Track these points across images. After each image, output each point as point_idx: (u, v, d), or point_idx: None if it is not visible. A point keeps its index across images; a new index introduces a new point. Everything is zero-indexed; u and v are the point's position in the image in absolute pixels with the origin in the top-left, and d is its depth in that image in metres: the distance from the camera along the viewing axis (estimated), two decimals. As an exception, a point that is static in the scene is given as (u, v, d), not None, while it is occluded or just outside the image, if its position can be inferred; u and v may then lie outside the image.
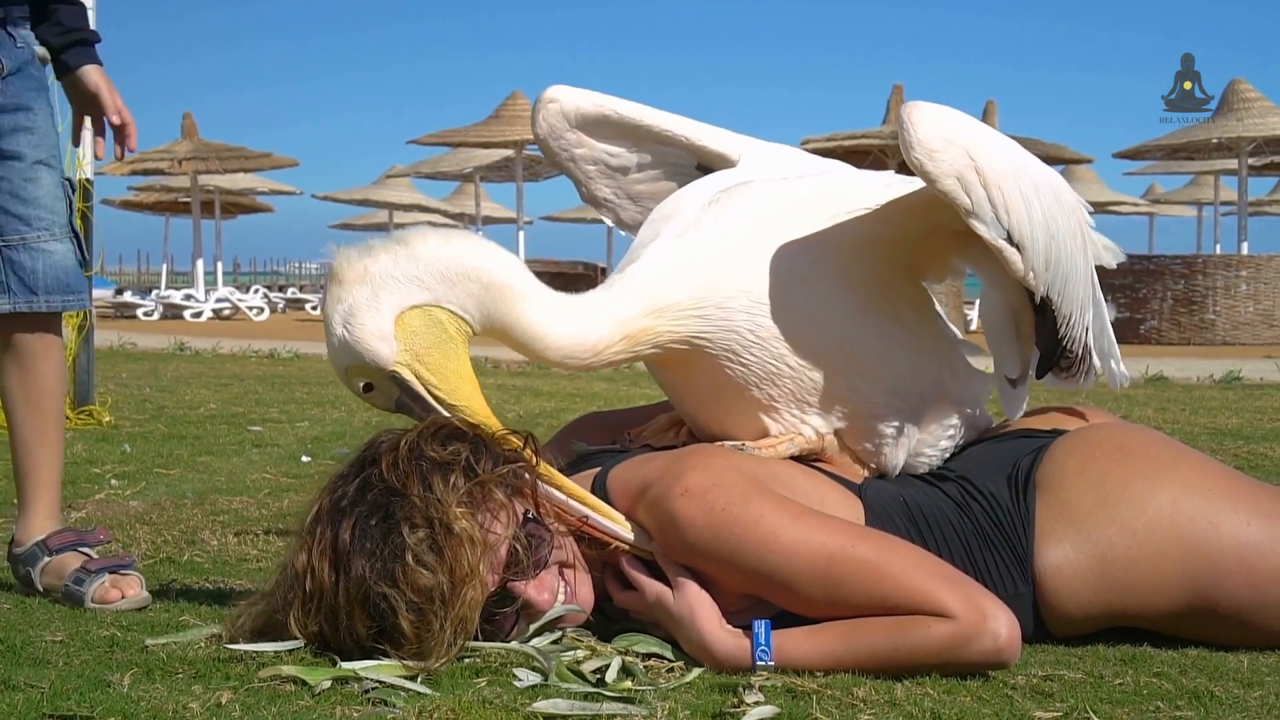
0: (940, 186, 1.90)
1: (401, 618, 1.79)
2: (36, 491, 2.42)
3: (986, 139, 1.94)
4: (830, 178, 2.21)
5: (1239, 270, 13.23)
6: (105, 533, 2.48)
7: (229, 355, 9.94)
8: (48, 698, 1.70)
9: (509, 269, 1.99)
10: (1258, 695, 1.77)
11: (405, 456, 1.88)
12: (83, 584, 2.27)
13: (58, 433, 2.43)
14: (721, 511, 1.88)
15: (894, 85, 15.94)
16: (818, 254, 2.05)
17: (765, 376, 2.05)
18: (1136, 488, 1.99)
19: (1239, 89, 14.47)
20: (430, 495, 1.85)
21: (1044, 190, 1.99)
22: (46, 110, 2.39)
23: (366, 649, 1.83)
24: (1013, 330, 2.18)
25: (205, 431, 4.94)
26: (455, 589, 1.81)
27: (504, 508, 1.90)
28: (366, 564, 1.82)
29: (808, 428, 2.09)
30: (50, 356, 2.40)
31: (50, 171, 2.36)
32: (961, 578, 1.86)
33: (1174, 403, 6.23)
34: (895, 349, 2.09)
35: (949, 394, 2.16)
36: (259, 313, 18.99)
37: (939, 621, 1.79)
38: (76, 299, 2.41)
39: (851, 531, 1.89)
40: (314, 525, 1.88)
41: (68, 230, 2.40)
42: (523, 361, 9.18)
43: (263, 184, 22.36)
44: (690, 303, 2.02)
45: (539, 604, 1.94)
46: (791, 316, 2.03)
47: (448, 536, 1.82)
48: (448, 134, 17.32)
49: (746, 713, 1.65)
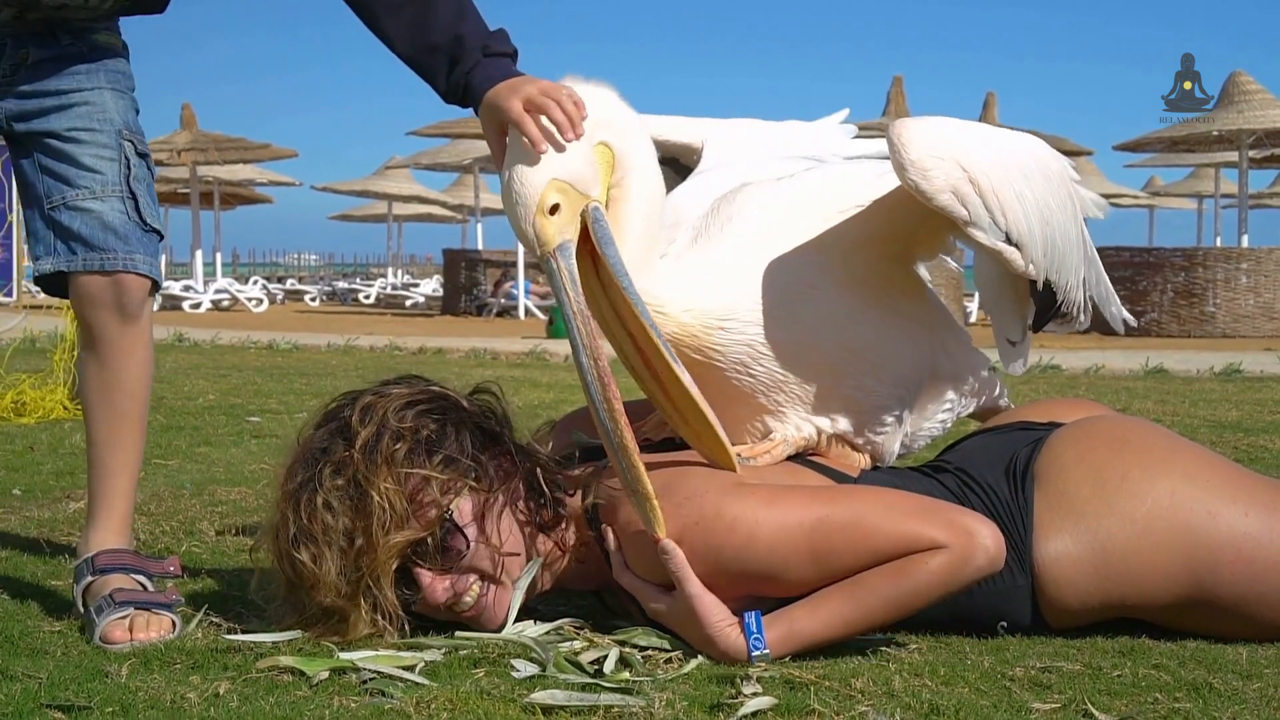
0: (937, 203, 1.92)
1: (301, 548, 1.90)
2: (104, 500, 2.21)
3: (975, 144, 1.95)
4: (824, 174, 2.21)
5: (1239, 263, 13.23)
6: (177, 564, 2.22)
7: (228, 346, 9.94)
8: (45, 688, 1.70)
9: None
10: (1256, 687, 1.77)
11: (374, 410, 1.97)
12: (100, 614, 2.01)
13: (135, 437, 2.24)
14: (695, 525, 1.89)
15: (894, 77, 15.95)
16: (822, 259, 2.06)
17: (773, 385, 2.05)
18: (1135, 478, 1.99)
19: (1239, 81, 14.45)
20: (367, 455, 1.92)
21: (1034, 176, 2.00)
22: (97, 91, 2.22)
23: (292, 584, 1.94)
24: (1009, 293, 2.20)
25: (204, 422, 4.94)
26: (349, 545, 1.89)
27: (435, 503, 1.93)
28: (290, 485, 1.95)
29: (810, 427, 2.09)
30: (133, 353, 2.20)
31: (93, 135, 2.21)
32: (935, 504, 1.91)
33: (1174, 395, 6.22)
34: (895, 341, 2.10)
35: (944, 373, 2.19)
36: (258, 304, 18.97)
37: (932, 554, 1.83)
38: (123, 258, 2.17)
39: (823, 497, 1.92)
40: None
41: (117, 188, 2.20)
42: (522, 353, 9.19)
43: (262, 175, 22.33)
44: (722, 312, 2.01)
45: (431, 598, 1.95)
46: (799, 325, 2.04)
47: (361, 496, 1.90)
48: (447, 125, 17.31)
49: (744, 704, 1.65)
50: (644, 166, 2.00)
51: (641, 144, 2.01)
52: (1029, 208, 1.95)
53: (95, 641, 1.97)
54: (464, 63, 2.05)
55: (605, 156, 1.97)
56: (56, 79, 2.20)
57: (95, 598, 2.07)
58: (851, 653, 1.91)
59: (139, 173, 2.23)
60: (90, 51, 2.23)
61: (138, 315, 2.21)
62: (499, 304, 16.93)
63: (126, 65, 2.30)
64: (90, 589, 2.10)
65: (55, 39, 2.21)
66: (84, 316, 2.21)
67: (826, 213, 2.07)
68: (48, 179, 2.21)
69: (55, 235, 2.20)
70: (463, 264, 18.19)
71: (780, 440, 2.09)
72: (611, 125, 1.98)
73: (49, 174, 2.21)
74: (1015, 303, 2.19)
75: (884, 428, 2.14)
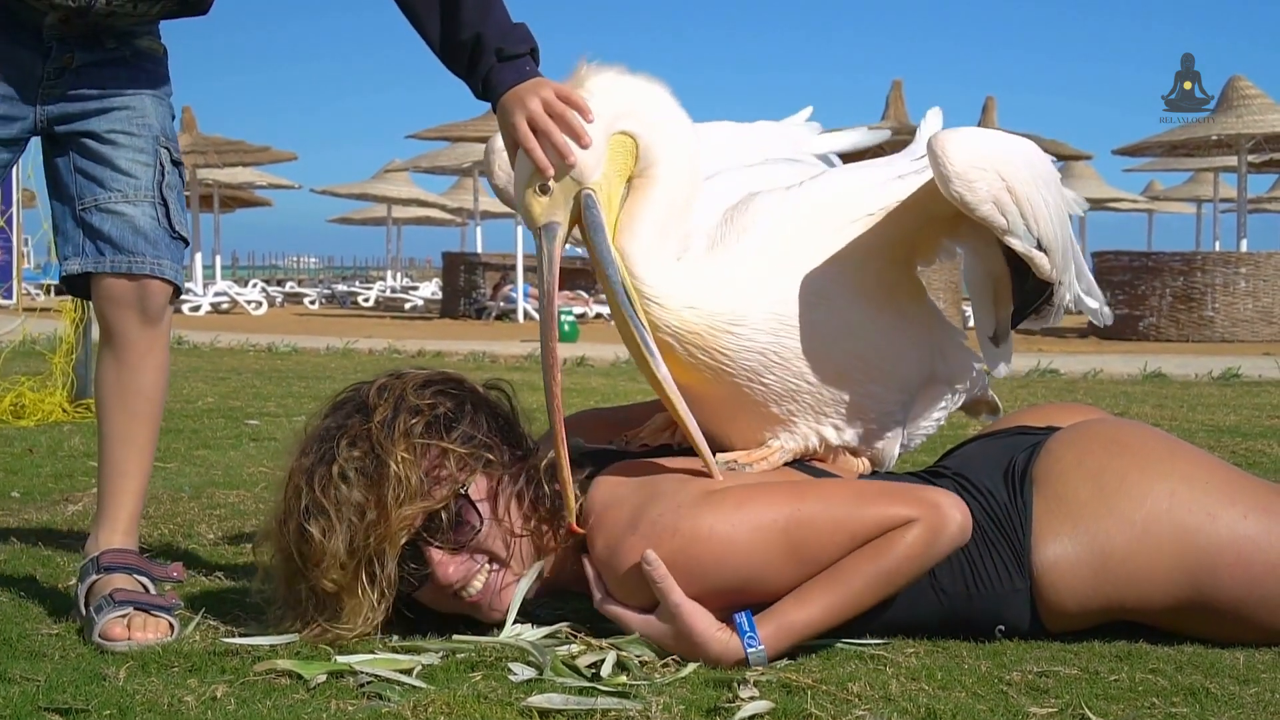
0: (980, 213, 1.95)
1: (312, 520, 1.90)
2: (113, 500, 2.22)
3: (1010, 155, 1.99)
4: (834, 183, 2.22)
5: (1238, 267, 13.22)
6: (180, 571, 2.23)
7: (226, 349, 9.94)
8: (43, 691, 1.70)
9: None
10: (1253, 692, 1.77)
11: (391, 388, 1.99)
12: (100, 612, 2.01)
13: (148, 439, 2.26)
14: (670, 541, 1.89)
15: (893, 81, 15.96)
16: (835, 269, 2.07)
17: (784, 394, 2.06)
18: (1134, 480, 2.00)
19: (1239, 86, 14.45)
20: (384, 429, 1.94)
21: (1050, 183, 2.05)
22: (137, 95, 2.24)
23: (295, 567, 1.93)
24: (991, 294, 2.22)
25: (202, 425, 4.94)
26: (360, 519, 1.89)
27: (451, 478, 1.95)
28: (304, 461, 1.96)
29: (815, 436, 2.10)
30: (151, 353, 2.22)
31: (130, 139, 2.22)
32: (899, 485, 1.98)
33: (1172, 399, 6.23)
34: (901, 346, 2.12)
35: (940, 376, 2.22)
36: (257, 307, 18.97)
37: (906, 529, 1.87)
38: (151, 262, 2.19)
39: (792, 493, 1.93)
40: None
41: (150, 194, 2.22)
42: (521, 356, 9.18)
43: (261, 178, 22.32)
44: (731, 316, 2.02)
45: (441, 577, 1.96)
46: (813, 335, 2.04)
47: (378, 467, 1.91)
48: (446, 128, 17.31)
49: (741, 708, 1.65)
50: (671, 161, 2.03)
51: (671, 139, 2.03)
52: (1052, 213, 2.01)
53: (94, 638, 1.97)
54: (481, 66, 2.08)
55: (626, 145, 2.01)
56: (99, 83, 2.22)
57: (97, 597, 2.07)
58: (848, 657, 1.92)
59: (171, 180, 2.25)
60: (133, 56, 2.25)
61: (158, 319, 2.23)
62: (498, 307, 16.93)
63: (166, 70, 2.32)
64: (94, 588, 2.10)
65: (100, 42, 2.21)
66: (104, 315, 2.22)
67: (838, 223, 2.09)
68: (81, 179, 2.22)
69: (85, 235, 2.21)
70: (462, 267, 18.19)
71: (778, 447, 2.09)
72: (636, 116, 2.01)
73: (83, 174, 2.22)
74: (996, 304, 2.21)
75: (887, 433, 2.16)
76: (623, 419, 2.41)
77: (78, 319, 5.43)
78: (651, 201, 2.01)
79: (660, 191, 2.02)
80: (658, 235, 2.02)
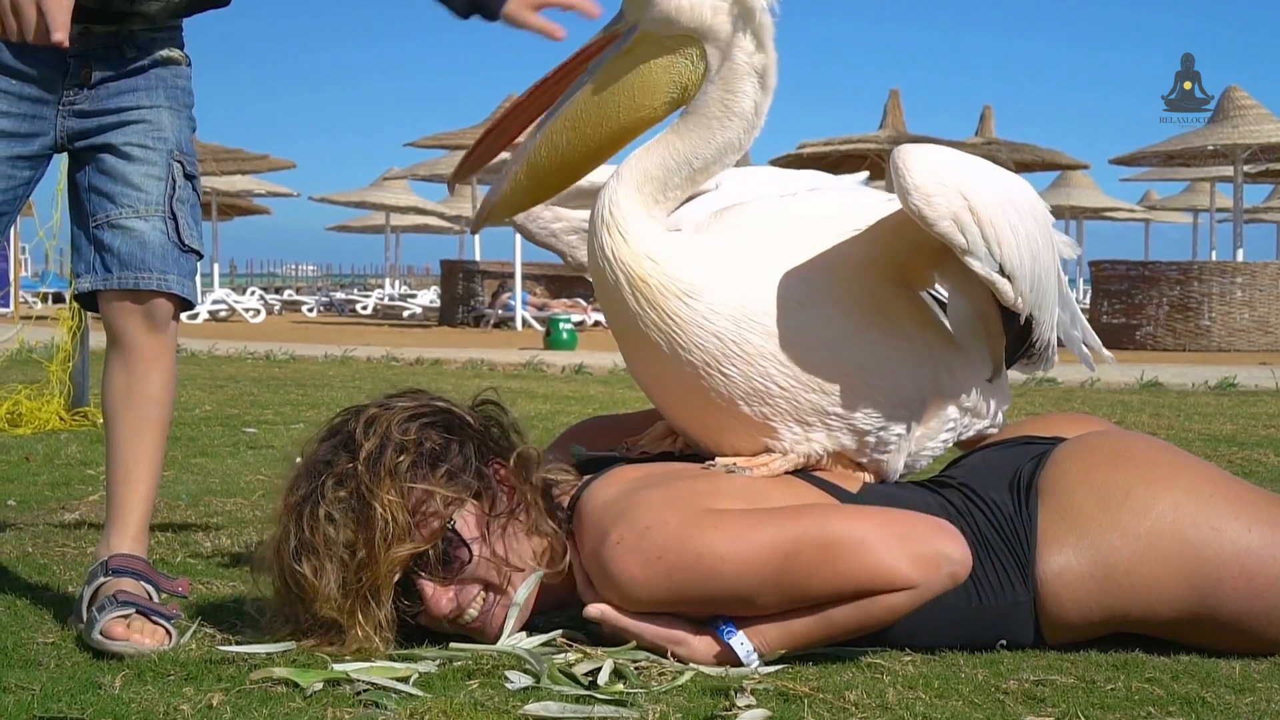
0: (938, 230, 1.92)
1: (303, 560, 1.92)
2: (122, 504, 2.22)
3: (975, 174, 1.97)
4: (826, 196, 2.21)
5: (1234, 277, 13.23)
6: (186, 586, 2.21)
7: (224, 357, 9.93)
8: (39, 700, 1.70)
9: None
10: (1249, 701, 1.77)
11: (379, 422, 1.98)
12: (103, 611, 2.01)
13: (156, 445, 2.25)
14: (658, 560, 1.89)
15: (891, 90, 15.98)
16: (817, 278, 2.05)
17: (753, 393, 2.03)
18: (1139, 493, 1.99)
19: (1235, 96, 14.48)
20: (370, 468, 1.93)
21: (1025, 213, 2.01)
22: (154, 109, 2.25)
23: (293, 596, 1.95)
24: (981, 333, 2.19)
25: (200, 433, 4.94)
26: (350, 557, 1.91)
27: (438, 514, 1.95)
28: (293, 497, 1.97)
29: (810, 445, 2.09)
30: (158, 360, 2.24)
31: (145, 153, 2.24)
32: (904, 525, 1.90)
33: (1169, 409, 6.23)
34: (896, 362, 2.09)
35: (947, 392, 2.17)
36: (255, 314, 18.96)
37: (901, 593, 1.86)
38: (157, 278, 2.21)
39: (791, 526, 1.90)
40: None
41: (159, 208, 2.23)
42: (519, 364, 9.19)
43: (260, 186, 22.34)
44: (688, 287, 2.01)
45: (434, 609, 1.97)
46: (785, 338, 2.02)
47: (364, 508, 1.91)
48: (444, 137, 17.32)
49: (738, 715, 1.65)
50: (730, 118, 2.03)
51: (752, 101, 2.04)
52: (1021, 240, 1.96)
53: (94, 635, 1.97)
54: None
55: (693, 58, 2.03)
56: (118, 97, 2.23)
57: (101, 598, 2.07)
58: (845, 665, 1.92)
59: (183, 194, 2.26)
60: (152, 67, 2.26)
61: (164, 328, 2.25)
62: (496, 315, 16.93)
63: (188, 80, 2.33)
64: (99, 590, 2.10)
65: (120, 54, 2.22)
66: (112, 324, 2.24)
67: (826, 235, 2.08)
68: (94, 196, 2.24)
69: (96, 251, 2.23)
70: (460, 275, 18.20)
71: (778, 454, 2.08)
72: (747, 13, 2.02)
73: (96, 191, 2.24)
74: (989, 341, 2.19)
75: (887, 447, 2.13)
76: (625, 428, 2.41)
77: (75, 327, 5.43)
78: (677, 148, 2.03)
79: (694, 141, 2.03)
80: (660, 181, 2.03)
